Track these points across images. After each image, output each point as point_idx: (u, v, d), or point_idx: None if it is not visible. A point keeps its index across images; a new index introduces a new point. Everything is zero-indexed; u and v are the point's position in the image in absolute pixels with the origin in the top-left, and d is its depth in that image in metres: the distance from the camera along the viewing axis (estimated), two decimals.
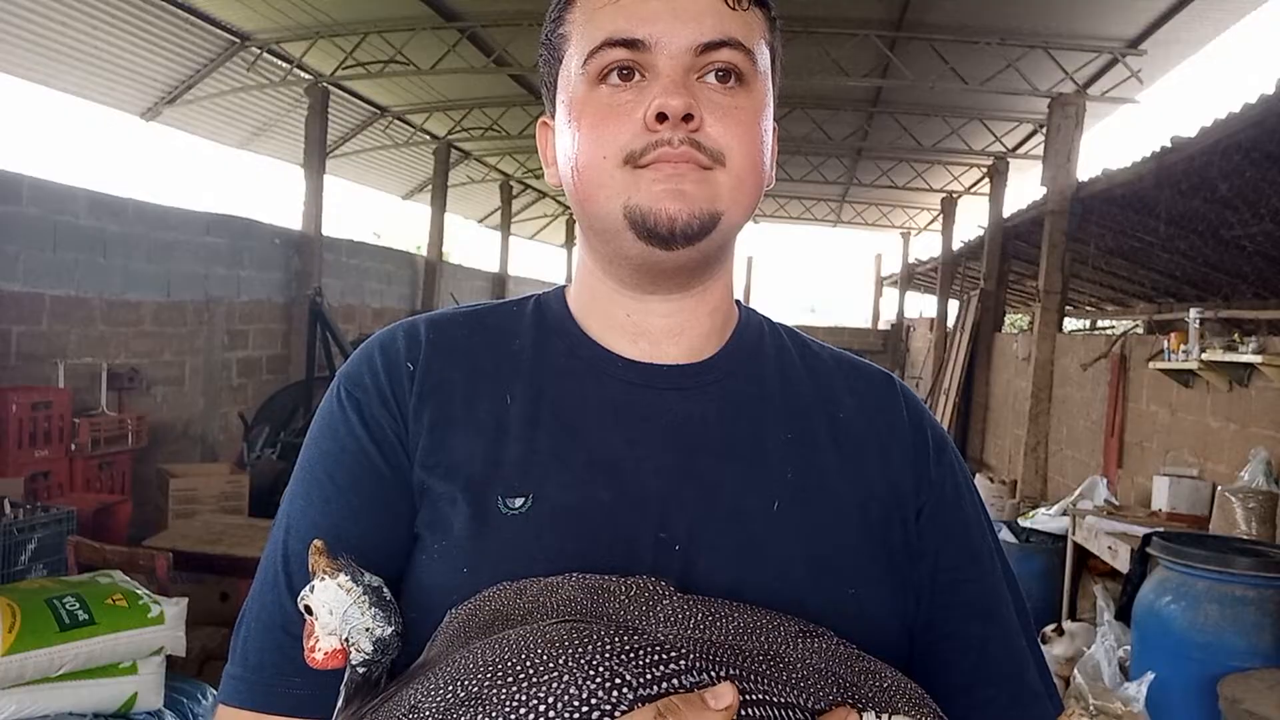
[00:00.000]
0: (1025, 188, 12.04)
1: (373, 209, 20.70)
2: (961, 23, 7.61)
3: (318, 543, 0.56)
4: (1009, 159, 11.13)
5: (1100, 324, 12.44)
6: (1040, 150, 9.02)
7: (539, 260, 20.01)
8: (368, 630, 0.55)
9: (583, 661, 0.47)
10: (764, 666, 0.52)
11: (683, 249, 0.66)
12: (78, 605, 2.26)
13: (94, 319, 6.09)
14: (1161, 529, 3.85)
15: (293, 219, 8.94)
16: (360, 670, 0.56)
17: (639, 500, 0.66)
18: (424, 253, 12.26)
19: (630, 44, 0.64)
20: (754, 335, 0.77)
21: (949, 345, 11.17)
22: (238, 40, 8.49)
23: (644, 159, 0.64)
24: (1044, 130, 8.51)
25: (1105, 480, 5.78)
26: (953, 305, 12.93)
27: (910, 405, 0.78)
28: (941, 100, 9.87)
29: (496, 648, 0.50)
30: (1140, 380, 6.11)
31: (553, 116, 0.73)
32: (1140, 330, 8.24)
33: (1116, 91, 8.36)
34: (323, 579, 0.55)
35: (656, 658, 0.49)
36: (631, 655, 0.48)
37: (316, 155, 9.17)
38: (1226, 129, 4.89)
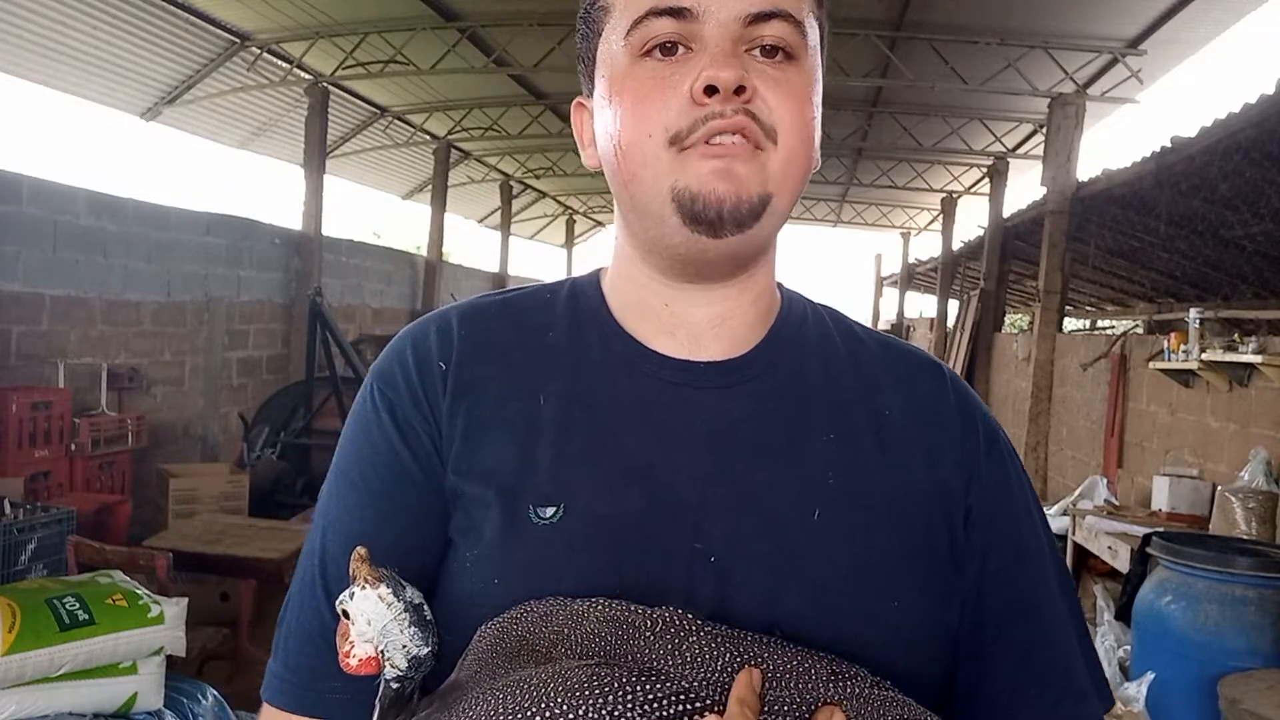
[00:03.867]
0: (1025, 188, 12.06)
1: (373, 209, 20.76)
2: (961, 23, 7.61)
3: (361, 550, 0.55)
4: (1009, 159, 11.13)
5: (1100, 324, 12.44)
6: (1040, 150, 9.02)
7: (539, 260, 20.03)
8: (404, 648, 0.55)
9: (603, 712, 0.47)
10: (789, 718, 0.51)
11: (732, 236, 0.62)
12: (78, 605, 2.26)
13: (94, 319, 6.09)
14: (1161, 529, 3.85)
15: (293, 219, 8.95)
16: (394, 685, 0.55)
17: (674, 509, 0.64)
18: (424, 253, 12.25)
19: (676, 13, 0.61)
20: (796, 323, 0.73)
21: (949, 345, 11.18)
22: (238, 40, 8.49)
23: (691, 138, 0.60)
24: (1044, 130, 8.52)
25: (1105, 480, 5.79)
26: (953, 305, 12.93)
27: (960, 396, 0.73)
28: (941, 100, 9.87)
29: (519, 691, 0.49)
30: (1140, 380, 6.11)
31: (589, 96, 0.70)
32: (1140, 330, 8.24)
33: (1116, 91, 8.36)
34: (363, 588, 0.54)
35: (681, 708, 0.48)
36: (655, 705, 0.48)
37: (316, 155, 9.16)
38: (1226, 129, 4.89)
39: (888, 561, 0.65)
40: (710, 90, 0.60)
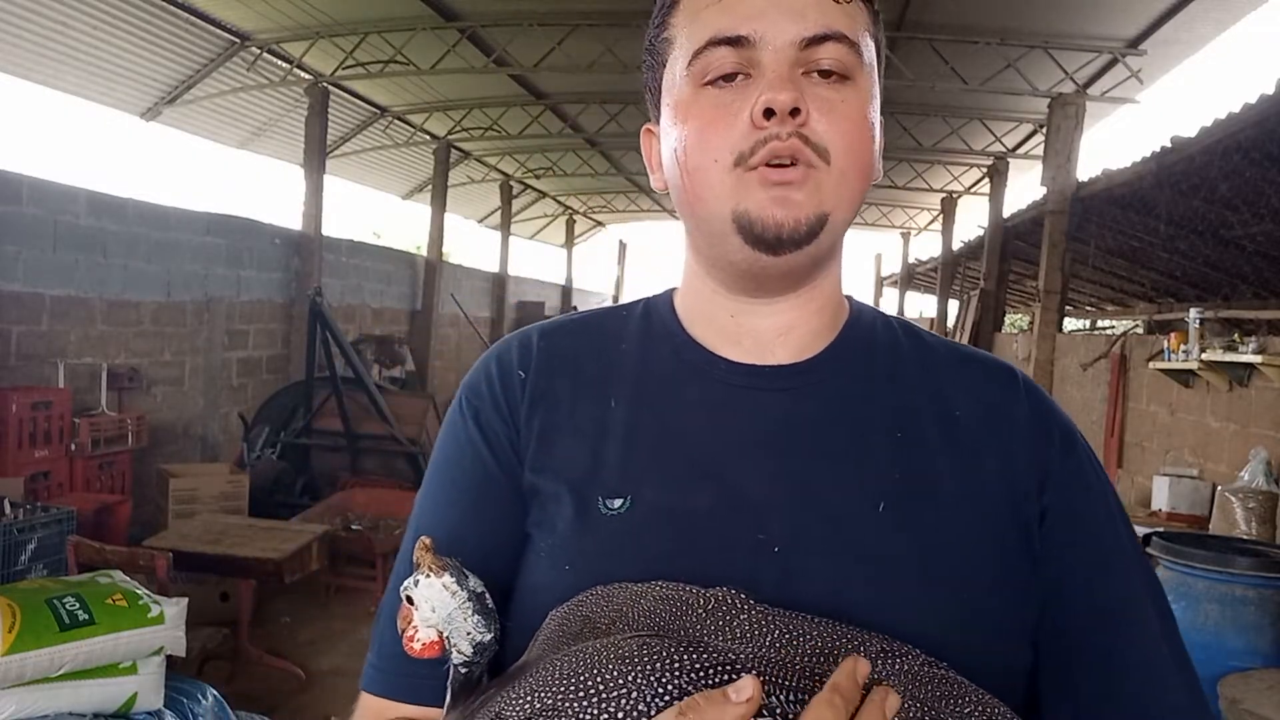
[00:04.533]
0: (1025, 188, 12.05)
1: (373, 209, 20.75)
2: (961, 23, 7.61)
3: (425, 539, 0.58)
4: (1009, 159, 11.13)
5: (1100, 324, 12.44)
6: (1040, 150, 9.02)
7: (539, 260, 20.03)
8: (468, 635, 0.57)
9: (652, 678, 0.49)
10: None
11: (790, 254, 0.66)
12: (78, 605, 2.26)
13: (94, 319, 6.09)
14: (1161, 529, 3.85)
15: (293, 219, 8.95)
16: (462, 670, 0.58)
17: (737, 503, 0.66)
18: (424, 253, 12.25)
19: (734, 41, 0.65)
20: (864, 330, 0.76)
21: None
22: (238, 40, 8.49)
23: (754, 158, 0.64)
24: (1044, 130, 8.52)
25: None
26: (953, 305, 12.93)
27: (1033, 399, 0.73)
28: (941, 100, 9.87)
29: (575, 660, 0.52)
30: (1140, 380, 6.11)
31: (657, 122, 0.74)
32: (1140, 330, 8.24)
33: (1116, 91, 8.37)
34: (428, 575, 0.57)
35: (725, 677, 0.49)
36: (700, 673, 0.50)
37: (316, 155, 9.16)
38: (1226, 129, 4.89)
39: (955, 557, 0.65)
40: (768, 113, 0.63)
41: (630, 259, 19.83)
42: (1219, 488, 4.33)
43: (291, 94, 9.61)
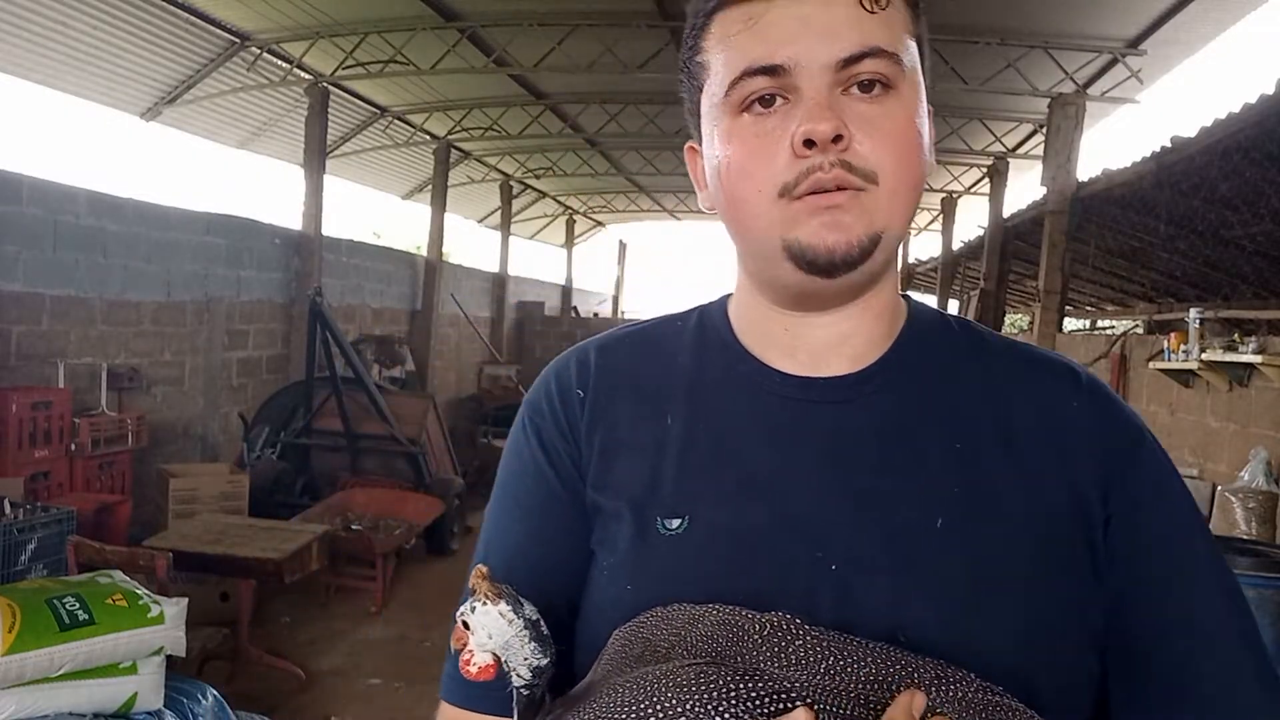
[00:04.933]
0: (1025, 188, 12.04)
1: (373, 209, 20.72)
2: (961, 23, 7.61)
3: (481, 567, 0.59)
4: (1009, 159, 11.13)
5: (1100, 324, 12.44)
6: (1040, 150, 9.02)
7: (539, 260, 20.02)
8: (526, 660, 0.59)
9: (709, 706, 0.51)
10: None
11: (844, 275, 0.65)
12: (78, 605, 2.26)
13: (94, 319, 6.09)
14: None
15: (293, 219, 8.94)
16: (524, 692, 0.60)
17: (794, 520, 0.66)
18: (424, 253, 12.24)
19: (770, 71, 0.63)
20: (921, 334, 0.74)
21: None
22: (238, 40, 8.49)
23: (799, 189, 0.63)
24: (1044, 130, 8.52)
25: None
26: (953, 305, 12.94)
27: (1099, 400, 0.71)
28: (941, 100, 9.86)
29: (634, 688, 0.54)
30: (1140, 380, 6.11)
31: (699, 142, 0.73)
32: (1140, 330, 8.24)
33: (1116, 91, 8.36)
34: (484, 603, 0.58)
35: (779, 707, 0.51)
36: (755, 703, 0.51)
37: (316, 155, 9.16)
38: (1226, 129, 4.89)
39: (1017, 569, 0.64)
40: (809, 143, 0.62)
41: (630, 259, 19.82)
42: (1219, 488, 4.33)
43: (291, 94, 9.61)
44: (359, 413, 6.78)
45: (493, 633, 0.58)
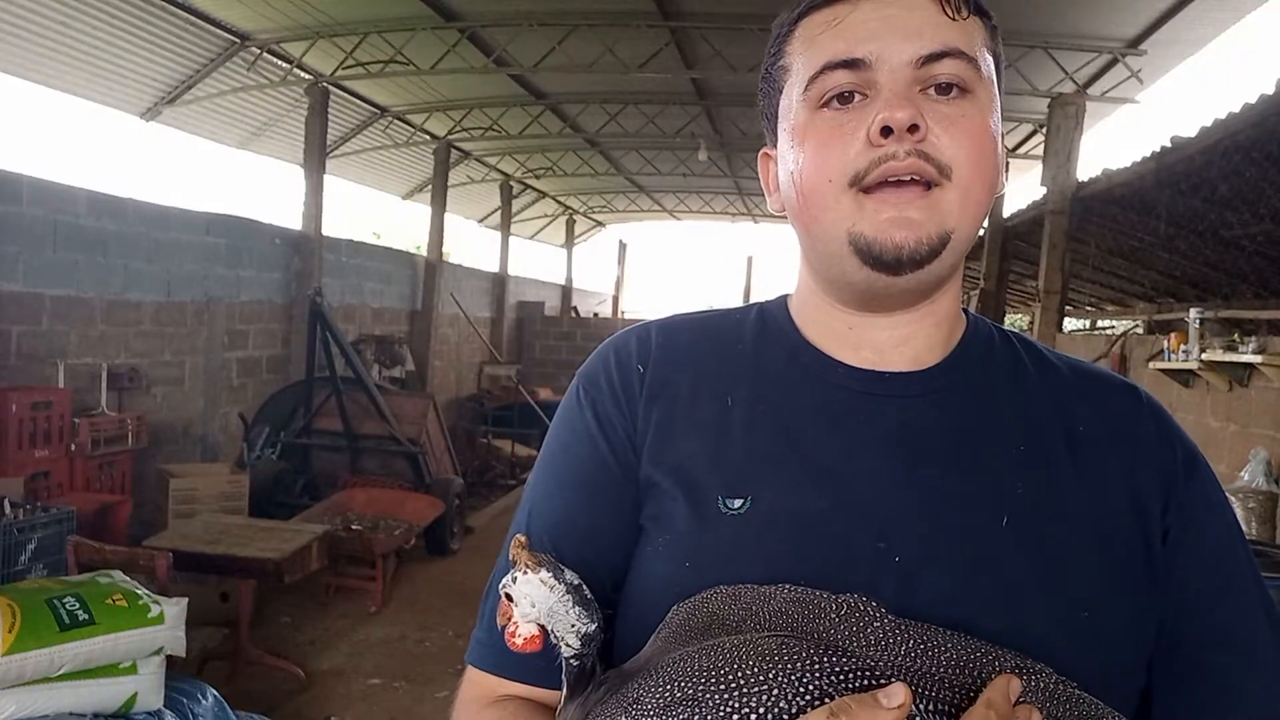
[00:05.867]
0: (1025, 188, 12.04)
1: (373, 209, 20.71)
2: None
3: (520, 537, 0.59)
4: (1009, 159, 11.08)
5: (1100, 324, 12.44)
6: (1040, 150, 9.02)
7: (539, 260, 20.01)
8: (573, 627, 0.58)
9: (794, 677, 0.49)
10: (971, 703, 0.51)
11: (910, 273, 0.65)
12: (78, 605, 2.26)
13: (94, 319, 6.09)
14: None
15: (293, 219, 8.94)
16: (574, 663, 0.59)
17: (857, 509, 0.66)
18: (424, 253, 12.25)
19: (851, 64, 0.64)
20: (983, 344, 0.75)
21: None
22: (238, 40, 8.49)
23: (869, 178, 0.63)
24: (1044, 130, 8.51)
25: None
26: None
27: (1158, 419, 0.73)
28: None
29: (714, 654, 0.53)
30: (1140, 380, 6.11)
31: (774, 146, 0.74)
32: (1140, 330, 8.24)
33: (1116, 91, 8.36)
34: (525, 572, 0.58)
35: (865, 682, 0.50)
36: (840, 676, 0.50)
37: (316, 155, 9.16)
38: (1226, 129, 4.89)
39: (1078, 571, 0.64)
40: (886, 131, 0.62)
41: (630, 259, 19.82)
42: None
43: (291, 94, 9.61)
44: (359, 413, 6.78)
45: (536, 601, 0.58)
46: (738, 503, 0.67)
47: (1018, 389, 0.72)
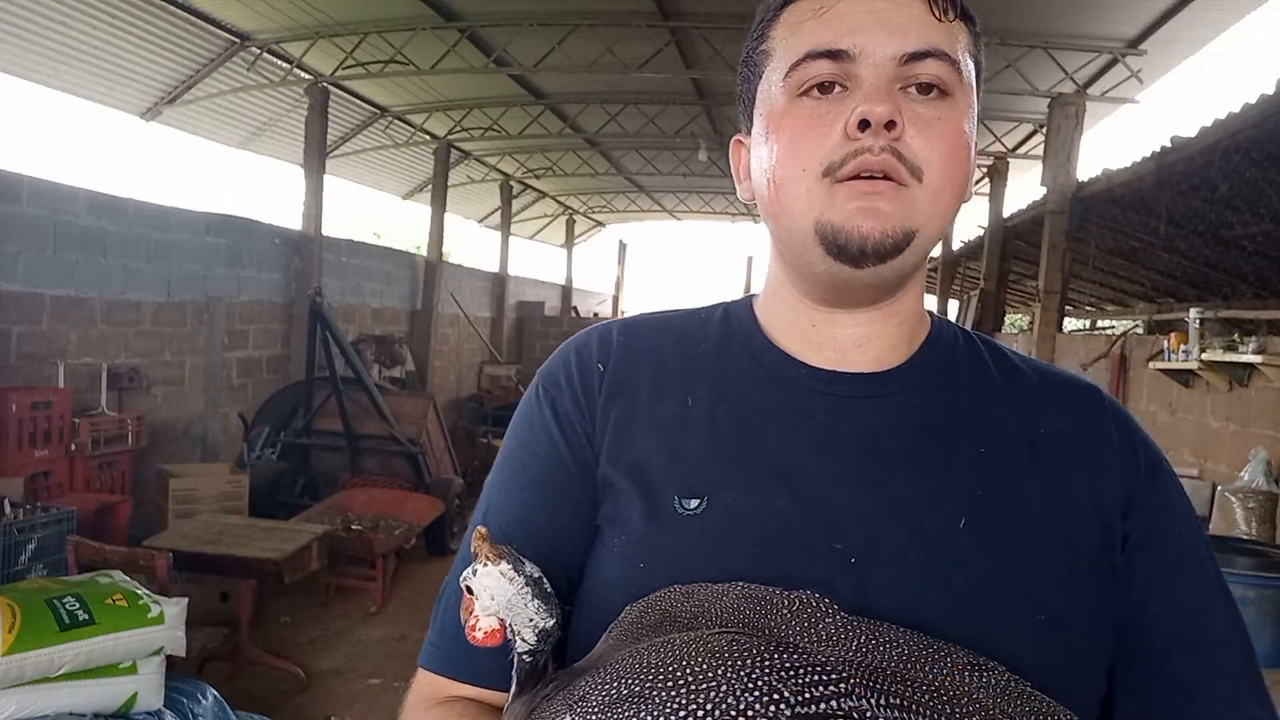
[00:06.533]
0: (1025, 188, 12.04)
1: (373, 209, 20.71)
2: None
3: (481, 529, 0.59)
4: (1009, 159, 11.13)
5: (1100, 324, 12.44)
6: (1040, 150, 9.02)
7: (539, 260, 20.01)
8: (531, 621, 0.58)
9: (741, 674, 0.49)
10: (925, 696, 0.50)
11: (873, 267, 0.65)
12: (78, 605, 2.26)
13: (94, 319, 6.09)
14: None
15: (293, 219, 8.94)
16: (527, 659, 0.59)
17: (815, 509, 0.65)
18: (424, 253, 12.25)
19: (834, 55, 0.64)
20: (946, 346, 0.75)
21: None
22: (238, 40, 8.49)
23: (843, 170, 0.63)
24: (1044, 130, 8.51)
25: None
26: (953, 305, 12.94)
27: (1120, 422, 0.73)
28: None
29: (661, 651, 0.52)
30: (1140, 380, 6.11)
31: (749, 134, 0.73)
32: (1140, 330, 8.24)
33: (1116, 91, 8.36)
34: (485, 564, 0.58)
35: (815, 678, 0.49)
36: (790, 673, 0.49)
37: (316, 155, 9.16)
38: (1226, 129, 4.89)
39: (1037, 575, 0.64)
40: (863, 124, 0.62)
41: (630, 259, 19.81)
42: (1219, 488, 4.33)
43: (291, 94, 9.61)
44: (359, 413, 6.78)
45: (495, 594, 0.57)
46: (694, 503, 0.66)
47: (980, 392, 0.72)
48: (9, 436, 4.93)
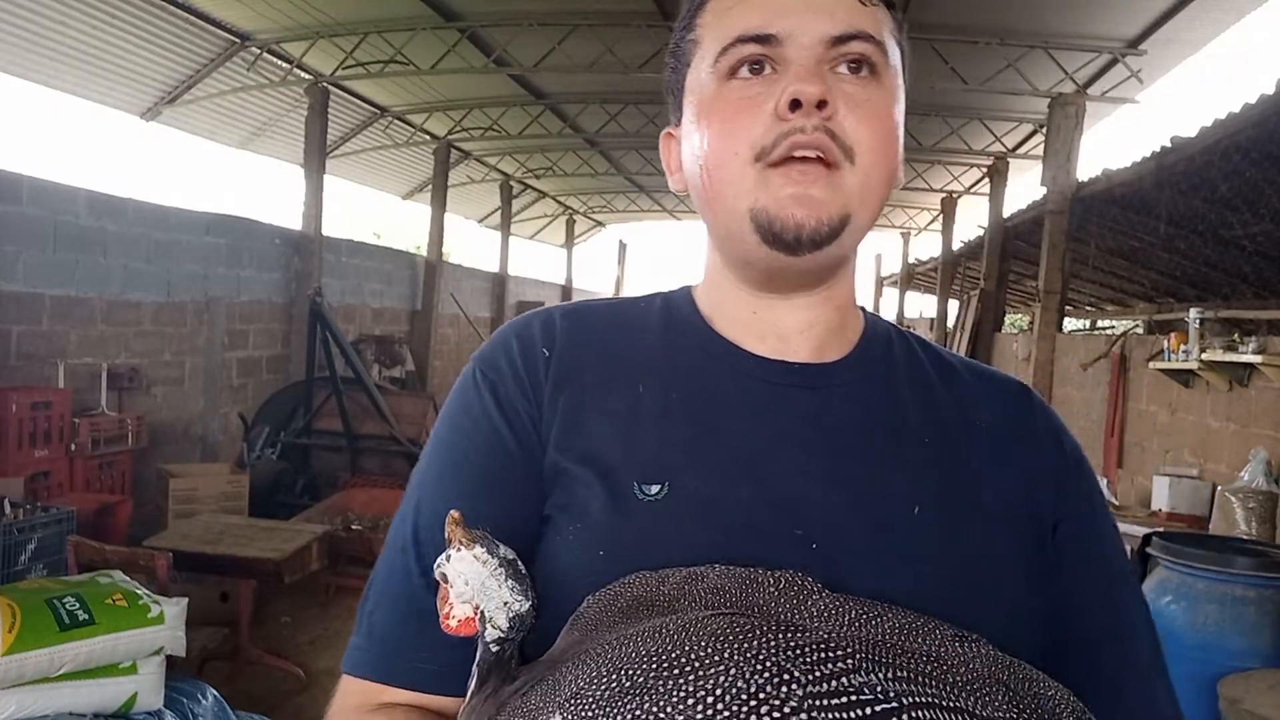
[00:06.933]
0: (1025, 188, 12.05)
1: (373, 209, 20.72)
2: (961, 23, 7.61)
3: (455, 513, 0.56)
4: (1009, 159, 11.13)
5: (1100, 324, 12.44)
6: (1040, 150, 9.02)
7: (539, 260, 20.02)
8: (505, 604, 0.56)
9: (749, 656, 0.47)
10: (929, 668, 0.49)
11: (809, 254, 0.65)
12: (78, 605, 2.26)
13: (94, 319, 6.09)
14: (1161, 529, 3.85)
15: (293, 219, 8.95)
16: (494, 649, 0.56)
17: (777, 497, 0.65)
18: (424, 253, 12.25)
19: (762, 39, 0.64)
20: (883, 341, 0.76)
21: (949, 346, 11.17)
22: (238, 40, 8.49)
23: (775, 152, 0.63)
24: (1044, 130, 8.52)
25: (1105, 480, 5.79)
26: (953, 305, 12.93)
27: (1046, 418, 0.75)
28: (941, 100, 9.87)
29: (656, 638, 0.50)
30: (1140, 380, 6.11)
31: (678, 125, 0.73)
32: (1140, 330, 8.25)
33: (1116, 91, 8.37)
34: (459, 549, 0.55)
35: (822, 655, 0.47)
36: (798, 652, 0.47)
37: (316, 155, 9.16)
38: (1226, 129, 4.89)
39: (987, 561, 0.66)
40: (794, 105, 0.62)
41: (630, 259, 19.83)
42: (1219, 488, 4.33)
43: (291, 94, 9.61)
44: (359, 413, 6.78)
45: (469, 579, 0.55)
46: (655, 489, 0.65)
47: (919, 385, 0.73)
48: (9, 436, 4.93)
